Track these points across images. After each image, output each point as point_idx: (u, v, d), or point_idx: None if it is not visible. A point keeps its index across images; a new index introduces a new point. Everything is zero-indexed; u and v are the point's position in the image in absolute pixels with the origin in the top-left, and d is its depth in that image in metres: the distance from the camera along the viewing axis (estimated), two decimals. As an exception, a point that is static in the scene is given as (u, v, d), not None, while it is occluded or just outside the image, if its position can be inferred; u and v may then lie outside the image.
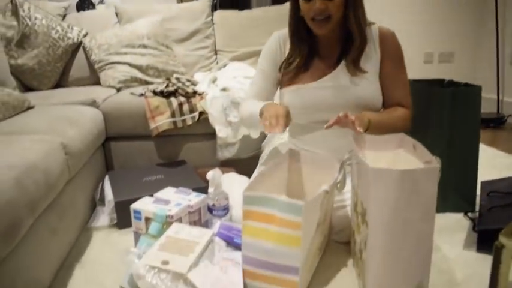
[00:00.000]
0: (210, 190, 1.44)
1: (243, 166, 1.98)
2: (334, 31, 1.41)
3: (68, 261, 1.37)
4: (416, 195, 1.00)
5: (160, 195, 1.46)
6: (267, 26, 2.61)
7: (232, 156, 1.97)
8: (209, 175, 1.42)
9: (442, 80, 1.92)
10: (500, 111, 3.58)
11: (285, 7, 2.76)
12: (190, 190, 1.48)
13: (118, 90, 2.34)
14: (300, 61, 1.46)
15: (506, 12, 3.57)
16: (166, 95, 1.97)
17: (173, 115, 1.92)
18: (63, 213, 1.39)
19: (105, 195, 1.67)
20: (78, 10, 3.10)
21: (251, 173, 1.70)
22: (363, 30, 1.40)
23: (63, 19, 2.68)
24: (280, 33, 1.55)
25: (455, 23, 3.88)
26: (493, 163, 2.31)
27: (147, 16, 2.60)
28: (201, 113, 1.94)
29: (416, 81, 1.84)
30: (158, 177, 1.78)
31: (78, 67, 2.56)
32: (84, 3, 3.09)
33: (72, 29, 2.55)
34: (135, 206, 1.38)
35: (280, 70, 1.52)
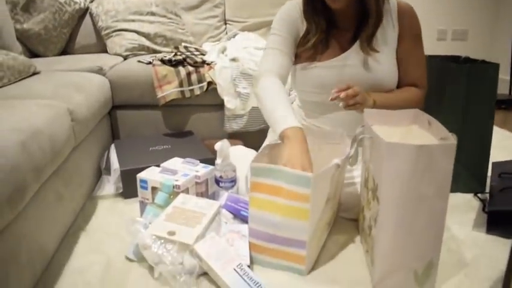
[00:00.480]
0: (218, 161, 1.42)
1: (251, 139, 1.96)
2: (350, 6, 1.33)
3: (73, 228, 1.36)
4: (431, 172, 0.97)
5: (167, 165, 1.44)
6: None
7: (240, 129, 1.94)
8: (217, 146, 1.39)
9: (458, 56, 1.86)
10: (512, 93, 3.52)
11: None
12: (197, 161, 1.46)
13: (125, 59, 2.30)
14: (318, 37, 1.38)
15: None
16: (174, 63, 1.92)
17: (181, 84, 1.88)
18: (69, 180, 1.37)
19: (111, 164, 1.66)
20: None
21: (259, 147, 1.66)
22: (380, 5, 1.33)
23: (70, -16, 2.61)
24: (297, 2, 1.44)
25: (470, -1, 3.78)
26: (504, 144, 2.28)
27: (155, -17, 2.53)
28: (210, 83, 1.90)
29: (431, 57, 1.78)
30: (165, 147, 1.76)
31: (85, 34, 2.51)
32: (92, -32, 3.01)
33: (79, -7, 2.50)
34: (141, 175, 1.36)
35: (298, 46, 1.44)
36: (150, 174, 1.36)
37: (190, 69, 1.90)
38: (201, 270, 1.08)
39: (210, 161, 1.59)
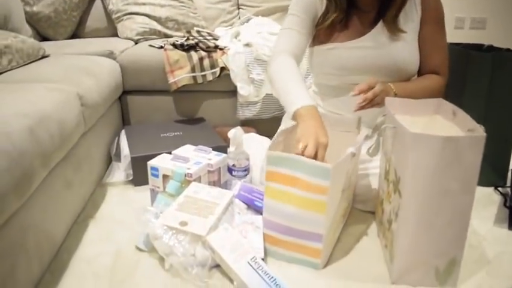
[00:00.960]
0: (231, 149, 1.38)
1: (264, 127, 1.91)
2: None
3: (82, 216, 1.33)
4: (458, 165, 0.92)
5: (178, 152, 1.40)
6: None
7: (253, 116, 1.89)
8: (231, 133, 1.35)
9: (481, 44, 1.79)
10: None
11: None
12: (210, 149, 1.41)
13: (136, 43, 2.25)
14: (337, 16, 1.33)
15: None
16: (186, 48, 1.87)
17: (193, 70, 1.83)
18: (79, 167, 1.34)
19: (121, 150, 1.62)
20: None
21: (272, 135, 1.61)
22: None
23: (79, -35, 2.56)
24: None
25: (490, -14, 3.66)
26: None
27: (168, -35, 2.47)
28: (222, 69, 1.85)
29: (452, 45, 1.72)
30: (176, 134, 1.72)
31: (95, 17, 2.46)
32: (103, -50, 2.95)
33: (90, -25, 2.44)
34: (152, 162, 1.32)
35: (316, 26, 1.39)
36: (162, 162, 1.32)
37: (203, 54, 1.85)
38: (214, 262, 1.04)
39: (223, 149, 1.55)
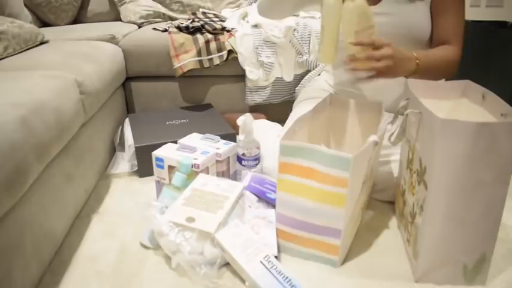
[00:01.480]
0: (240, 137, 1.29)
1: (275, 113, 1.83)
2: None
3: (84, 211, 1.26)
4: (492, 154, 0.83)
5: (185, 141, 1.32)
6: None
7: (263, 101, 1.80)
8: (240, 120, 1.27)
9: (504, 22, 1.68)
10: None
11: None
12: (217, 137, 1.33)
13: (139, 27, 2.16)
14: None
15: None
16: (192, 31, 1.78)
17: (199, 53, 1.74)
18: (80, 158, 1.27)
19: (125, 140, 1.54)
20: None
21: (284, 121, 1.53)
22: None
23: None
24: None
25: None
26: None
27: None
28: (230, 52, 1.75)
29: (474, 22, 1.61)
30: (182, 122, 1.63)
31: (97, 1, 2.37)
32: None
33: (90, -42, 2.35)
34: (157, 153, 1.24)
35: None
36: (167, 152, 1.24)
37: (209, 36, 1.76)
38: (223, 261, 0.97)
39: (231, 137, 1.47)
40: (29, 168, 0.88)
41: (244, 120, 1.26)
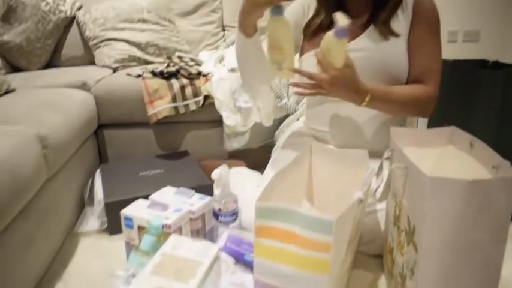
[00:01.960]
0: (216, 192, 1.21)
1: (254, 158, 1.75)
2: None
3: (47, 276, 1.15)
4: (487, 213, 0.76)
5: (157, 197, 1.23)
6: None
7: (242, 147, 1.73)
8: (214, 174, 1.18)
9: (485, 61, 1.66)
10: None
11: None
12: (192, 191, 1.24)
13: (115, 71, 2.09)
14: (324, 19, 1.26)
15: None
16: (166, 76, 1.72)
17: (174, 99, 1.67)
18: (43, 218, 1.17)
19: (94, 194, 1.44)
20: (73, -19, 2.82)
21: (263, 166, 1.46)
22: None
23: (54, -10, 2.42)
24: None
25: (482, -1, 3.57)
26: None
27: (148, -13, 2.33)
28: (206, 97, 1.69)
29: (457, 62, 1.58)
30: (157, 172, 1.54)
31: (72, 44, 2.30)
32: (80, -26, 2.81)
33: (64, 1, 2.29)
34: (126, 211, 1.15)
35: (304, 35, 1.33)
36: (137, 210, 1.14)
37: (185, 81, 1.70)
38: (197, 337, 0.86)
39: (208, 189, 1.39)
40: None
41: (219, 173, 1.18)
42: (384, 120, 1.27)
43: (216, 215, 1.21)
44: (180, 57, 1.94)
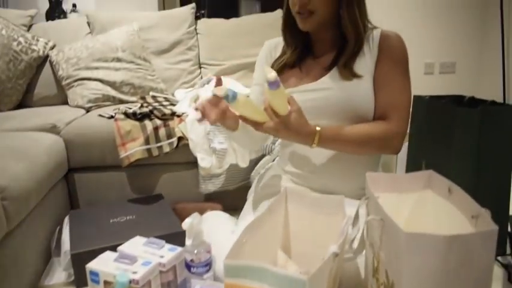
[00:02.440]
0: (187, 242, 1.15)
1: (232, 199, 1.70)
2: (327, 32, 1.21)
3: None
4: (468, 266, 0.72)
5: (125, 248, 1.16)
6: (257, 34, 2.36)
7: (218, 189, 1.68)
8: (185, 224, 1.13)
9: (461, 96, 1.65)
10: (507, 125, 3.33)
11: (275, 14, 2.50)
12: (163, 242, 1.18)
13: (88, 111, 2.05)
14: (289, 58, 1.26)
15: (511, 21, 3.33)
16: (139, 117, 1.67)
17: (147, 141, 1.62)
18: (3, 274, 1.09)
19: (61, 244, 1.37)
20: (47, 19, 2.80)
21: (241, 207, 1.41)
22: (360, 31, 1.18)
23: (28, 29, 2.38)
24: (272, 40, 1.37)
25: (457, 31, 3.64)
26: (513, 187, 2.05)
27: (122, 25, 2.31)
28: (180, 139, 1.64)
29: (433, 98, 1.57)
30: (128, 218, 1.48)
31: (44, 84, 2.26)
32: (55, 12, 2.79)
33: (37, 40, 2.27)
34: (91, 265, 1.07)
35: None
36: (103, 264, 1.07)
37: (158, 122, 1.65)
38: None
39: (181, 236, 1.32)
40: None
41: (190, 223, 1.12)
42: (359, 160, 1.24)
43: (188, 266, 1.14)
44: (154, 97, 1.91)
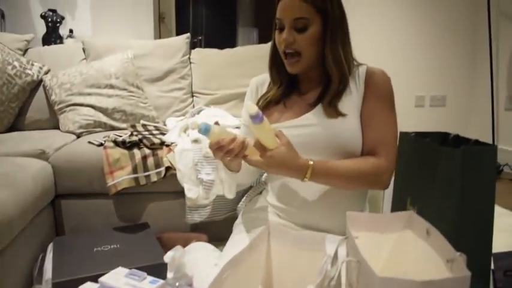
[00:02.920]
0: (169, 275, 1.15)
1: (218, 229, 1.69)
2: (313, 70, 1.24)
3: None
4: (441, 313, 0.73)
5: (106, 280, 1.16)
6: (249, 65, 2.39)
7: (204, 220, 1.68)
8: (167, 257, 1.13)
9: (446, 134, 1.68)
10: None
11: (268, 46, 2.52)
12: (144, 274, 1.18)
13: (79, 136, 2.06)
14: (275, 94, 1.28)
15: (499, 55, 3.42)
16: (129, 145, 1.69)
17: (135, 170, 1.63)
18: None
19: (44, 272, 1.36)
20: (44, 44, 2.83)
21: (227, 238, 1.41)
22: (343, 70, 1.20)
23: (24, 54, 2.41)
24: (258, 77, 1.39)
25: (448, 65, 3.72)
26: (498, 224, 2.03)
27: (117, 53, 2.35)
28: (168, 168, 1.66)
29: (419, 135, 1.60)
30: (112, 247, 1.47)
31: (37, 108, 2.28)
32: (52, 37, 2.83)
33: (32, 65, 2.29)
34: (71, 297, 1.08)
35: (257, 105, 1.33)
36: (82, 297, 1.08)
37: (147, 152, 1.67)
38: None
39: (164, 268, 1.32)
40: None
41: (172, 256, 1.12)
42: (346, 196, 1.25)
43: (168, 299, 1.14)
44: (144, 126, 1.93)
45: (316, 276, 0.93)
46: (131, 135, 1.76)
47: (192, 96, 2.45)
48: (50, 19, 2.83)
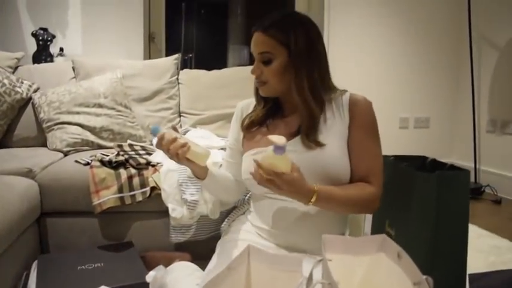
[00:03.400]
0: (150, 295, 1.18)
1: (202, 248, 1.72)
2: (291, 96, 1.27)
3: None
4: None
5: (88, 299, 1.19)
6: (236, 86, 2.45)
7: (188, 239, 1.71)
8: (149, 277, 1.16)
9: (424, 157, 1.74)
10: (477, 181, 3.45)
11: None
12: (126, 293, 1.21)
13: (66, 155, 2.08)
14: (259, 114, 1.35)
15: (481, 78, 3.52)
16: (115, 165, 1.72)
17: (121, 190, 1.66)
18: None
19: (27, 290, 1.38)
20: (34, 62, 2.86)
21: (210, 257, 1.44)
22: (308, 104, 1.24)
23: (14, 71, 2.44)
24: (243, 101, 1.45)
25: (432, 87, 3.82)
26: (477, 245, 2.11)
27: (106, 72, 2.39)
28: (153, 188, 1.69)
29: (397, 159, 1.65)
30: (96, 266, 1.49)
31: (25, 126, 2.30)
32: (42, 55, 2.87)
33: (21, 82, 2.32)
34: (53, 316, 1.10)
35: (242, 130, 1.40)
36: (65, 315, 1.10)
37: (133, 172, 1.70)
38: None
39: (146, 286, 1.35)
40: None
41: (154, 275, 1.16)
42: (329, 218, 1.29)
43: (149, 319, 1.17)
44: (131, 145, 1.96)
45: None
46: (118, 154, 1.80)
47: (180, 116, 2.49)
48: (41, 37, 2.87)
